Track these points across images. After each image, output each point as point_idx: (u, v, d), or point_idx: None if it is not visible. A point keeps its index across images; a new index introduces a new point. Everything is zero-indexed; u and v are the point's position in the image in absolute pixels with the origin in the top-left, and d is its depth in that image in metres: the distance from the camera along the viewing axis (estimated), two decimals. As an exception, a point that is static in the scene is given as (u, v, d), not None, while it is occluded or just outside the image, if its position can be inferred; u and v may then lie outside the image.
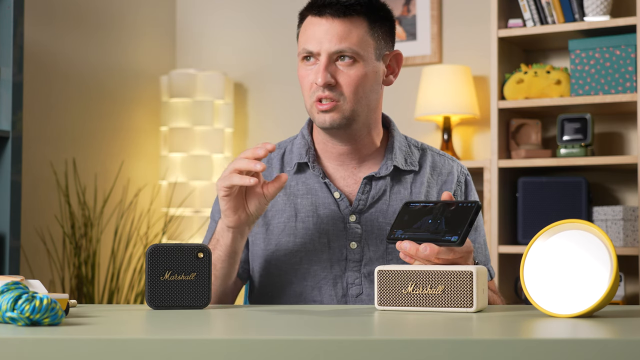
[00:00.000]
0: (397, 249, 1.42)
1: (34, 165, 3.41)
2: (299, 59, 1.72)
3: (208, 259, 1.43)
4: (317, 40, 1.67)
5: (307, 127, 1.80)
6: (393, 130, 1.79)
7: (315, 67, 1.68)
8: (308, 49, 1.68)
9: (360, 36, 1.68)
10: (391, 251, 1.70)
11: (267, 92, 4.06)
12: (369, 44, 1.69)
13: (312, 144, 1.78)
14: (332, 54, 1.66)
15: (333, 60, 1.67)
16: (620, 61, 3.16)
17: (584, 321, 1.21)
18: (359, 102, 1.68)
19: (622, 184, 3.37)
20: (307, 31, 1.70)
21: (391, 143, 1.77)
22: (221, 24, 4.18)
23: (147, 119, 4.01)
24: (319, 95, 1.67)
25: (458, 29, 3.70)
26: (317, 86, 1.67)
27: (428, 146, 1.83)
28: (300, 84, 1.73)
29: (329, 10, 1.67)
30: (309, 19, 1.70)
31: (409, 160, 1.76)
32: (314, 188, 1.74)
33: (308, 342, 1.02)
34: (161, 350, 1.02)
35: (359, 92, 1.68)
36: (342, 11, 1.66)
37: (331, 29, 1.66)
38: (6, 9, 2.74)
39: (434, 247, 1.38)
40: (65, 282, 3.47)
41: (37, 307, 1.13)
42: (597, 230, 1.27)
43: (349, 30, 1.67)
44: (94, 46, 3.75)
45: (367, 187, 1.72)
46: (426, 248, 1.38)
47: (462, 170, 1.81)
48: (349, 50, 1.66)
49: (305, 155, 1.75)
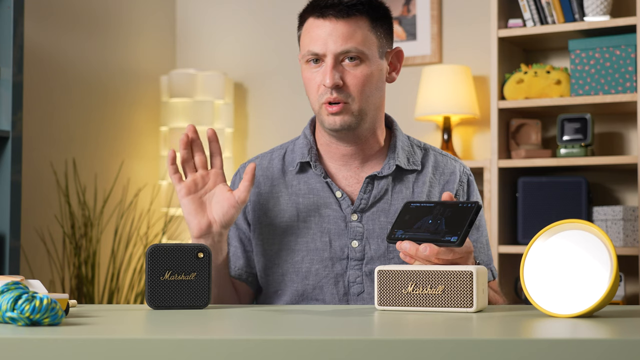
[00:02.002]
0: (397, 249, 1.43)
1: (34, 165, 3.41)
2: (303, 61, 1.72)
3: (208, 259, 1.43)
4: (322, 41, 1.67)
5: (310, 127, 1.81)
6: (396, 130, 1.80)
7: (322, 69, 1.68)
8: (313, 51, 1.68)
9: (364, 35, 1.68)
10: (392, 250, 1.70)
11: (267, 92, 4.06)
12: (372, 43, 1.70)
13: (314, 143, 1.78)
14: (339, 54, 1.66)
15: (339, 61, 1.67)
16: (620, 61, 3.16)
17: (584, 321, 1.21)
18: (366, 101, 1.69)
19: (622, 184, 3.37)
20: (310, 33, 1.69)
21: (394, 143, 1.77)
22: (221, 23, 4.18)
23: (147, 119, 4.01)
24: (328, 98, 1.67)
25: (458, 29, 3.70)
26: (325, 88, 1.67)
27: (431, 146, 1.83)
28: (305, 87, 1.72)
29: (332, 11, 1.66)
30: (311, 21, 1.70)
31: (411, 160, 1.76)
32: (315, 188, 1.74)
33: (308, 342, 1.02)
34: (161, 350, 1.02)
35: (366, 92, 1.68)
36: (345, 12, 1.66)
37: (335, 30, 1.66)
38: (6, 9, 2.74)
39: (433, 248, 1.38)
40: (65, 282, 3.47)
41: (37, 307, 1.13)
42: (597, 230, 1.27)
43: (353, 30, 1.67)
44: (94, 46, 3.75)
45: (370, 186, 1.72)
46: (426, 248, 1.38)
47: (464, 170, 1.81)
48: (355, 50, 1.66)
49: (308, 155, 1.76)
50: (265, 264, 1.75)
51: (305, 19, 1.72)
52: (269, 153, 1.83)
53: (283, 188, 1.76)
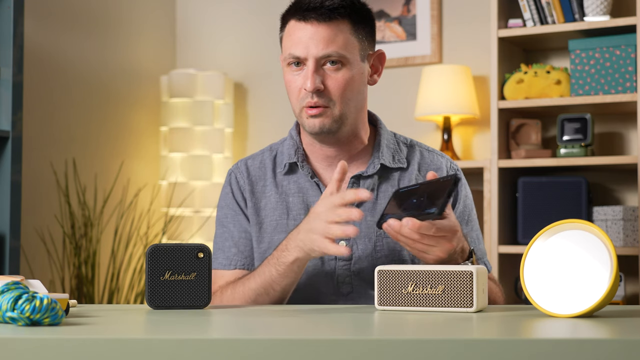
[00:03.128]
0: (384, 229, 1.45)
1: (34, 165, 3.41)
2: (284, 64, 1.72)
3: (208, 259, 1.43)
4: (303, 45, 1.67)
5: (296, 128, 1.82)
6: (380, 128, 1.80)
7: (303, 73, 1.68)
8: (295, 54, 1.68)
9: (346, 39, 1.68)
10: (380, 249, 1.70)
11: (267, 92, 4.06)
12: (354, 46, 1.69)
13: (300, 144, 1.79)
14: (320, 58, 1.67)
15: (320, 64, 1.67)
16: (620, 61, 3.15)
17: (584, 321, 1.21)
18: (347, 105, 1.69)
19: (622, 184, 3.37)
20: (291, 36, 1.69)
21: (378, 141, 1.77)
22: (221, 23, 4.18)
23: (147, 119, 4.01)
24: (309, 102, 1.68)
25: (458, 29, 3.70)
26: (306, 92, 1.68)
27: (417, 142, 1.83)
28: (287, 90, 1.73)
29: (314, 14, 1.66)
30: (293, 24, 1.70)
31: (396, 158, 1.76)
32: (304, 187, 1.75)
33: (308, 342, 1.02)
34: (161, 350, 1.02)
35: (347, 95, 1.69)
36: (327, 15, 1.66)
37: (317, 34, 1.66)
38: (6, 9, 2.74)
39: (415, 222, 1.41)
40: (65, 282, 3.47)
41: (37, 307, 1.13)
42: (597, 230, 1.27)
43: (335, 34, 1.67)
44: (94, 46, 3.75)
45: (355, 185, 1.73)
46: (408, 222, 1.41)
47: (451, 166, 1.81)
48: (336, 54, 1.67)
49: (295, 155, 1.77)
50: (256, 262, 1.76)
51: (287, 20, 1.72)
52: (259, 154, 1.84)
53: (273, 188, 1.77)
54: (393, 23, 3.80)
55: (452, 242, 1.47)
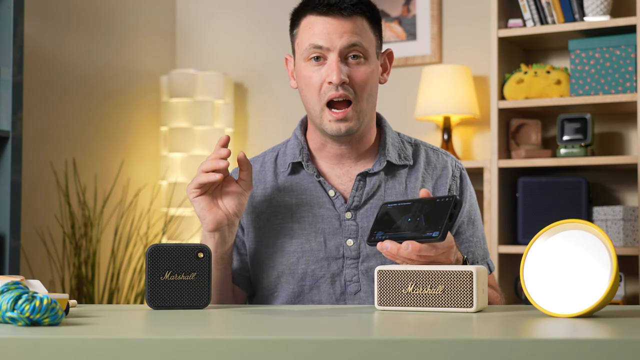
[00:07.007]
0: (379, 249, 1.42)
1: (34, 165, 3.41)
2: (302, 58, 1.69)
3: (208, 259, 1.43)
4: (326, 35, 1.65)
5: (300, 127, 1.80)
6: (385, 127, 1.79)
7: (325, 67, 1.66)
8: (317, 44, 1.65)
9: (367, 34, 1.68)
10: None
11: (267, 92, 4.06)
12: (372, 42, 1.70)
13: (305, 144, 1.77)
14: (345, 48, 1.65)
15: (344, 57, 1.66)
16: (620, 61, 3.16)
17: (584, 321, 1.21)
18: (367, 100, 1.69)
19: (622, 184, 3.37)
20: (312, 29, 1.67)
21: (384, 139, 1.77)
22: (221, 24, 4.18)
23: (147, 119, 4.01)
24: (333, 94, 1.65)
25: (458, 29, 3.70)
26: (329, 86, 1.65)
27: (421, 141, 1.82)
28: (303, 86, 1.70)
29: (336, 9, 1.65)
30: (313, 18, 1.68)
31: (402, 155, 1.76)
32: (308, 188, 1.73)
33: (308, 342, 1.02)
34: (161, 350, 1.02)
35: (368, 90, 1.68)
36: (350, 9, 1.66)
37: (340, 27, 1.65)
38: (6, 9, 2.74)
39: (415, 245, 1.38)
40: (65, 282, 3.47)
41: (37, 307, 1.13)
42: (597, 230, 1.27)
43: (357, 27, 1.67)
44: (94, 46, 3.75)
45: (361, 183, 1.72)
46: (408, 246, 1.38)
47: (456, 165, 1.81)
48: (360, 45, 1.66)
49: (299, 155, 1.75)
50: (260, 266, 1.74)
51: (303, 15, 1.71)
52: (260, 156, 1.83)
53: (276, 190, 1.75)
54: (393, 23, 3.80)
55: (450, 257, 1.46)
